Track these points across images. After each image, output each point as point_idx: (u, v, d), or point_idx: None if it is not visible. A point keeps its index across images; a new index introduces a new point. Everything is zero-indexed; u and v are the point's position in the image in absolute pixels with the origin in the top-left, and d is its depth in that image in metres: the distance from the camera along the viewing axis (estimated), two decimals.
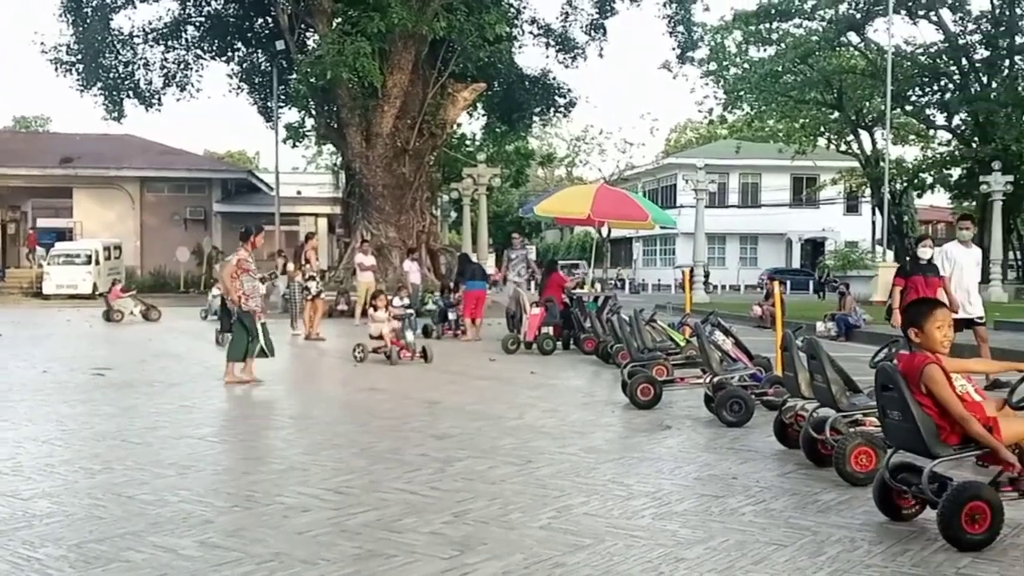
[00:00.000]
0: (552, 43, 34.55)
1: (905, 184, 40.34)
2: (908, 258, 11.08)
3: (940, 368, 4.70)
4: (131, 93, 34.27)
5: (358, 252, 21.81)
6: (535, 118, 36.98)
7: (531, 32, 34.60)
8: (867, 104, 38.55)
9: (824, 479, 5.96)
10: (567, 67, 35.08)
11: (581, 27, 34.40)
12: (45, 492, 5.58)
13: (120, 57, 33.78)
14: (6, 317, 22.30)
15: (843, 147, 42.77)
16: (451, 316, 17.91)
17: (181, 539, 4.65)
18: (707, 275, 47.71)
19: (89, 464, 6.41)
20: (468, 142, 37.58)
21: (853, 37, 37.32)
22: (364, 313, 20.45)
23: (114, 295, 22.14)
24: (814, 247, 52.96)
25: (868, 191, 44.69)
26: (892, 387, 4.83)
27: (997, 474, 4.79)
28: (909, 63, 36.26)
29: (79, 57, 32.50)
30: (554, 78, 34.96)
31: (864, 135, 40.72)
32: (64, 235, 38.15)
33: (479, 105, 33.87)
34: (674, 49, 36.38)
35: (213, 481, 5.93)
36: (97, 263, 33.31)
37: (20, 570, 4.15)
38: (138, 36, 33.90)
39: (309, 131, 34.39)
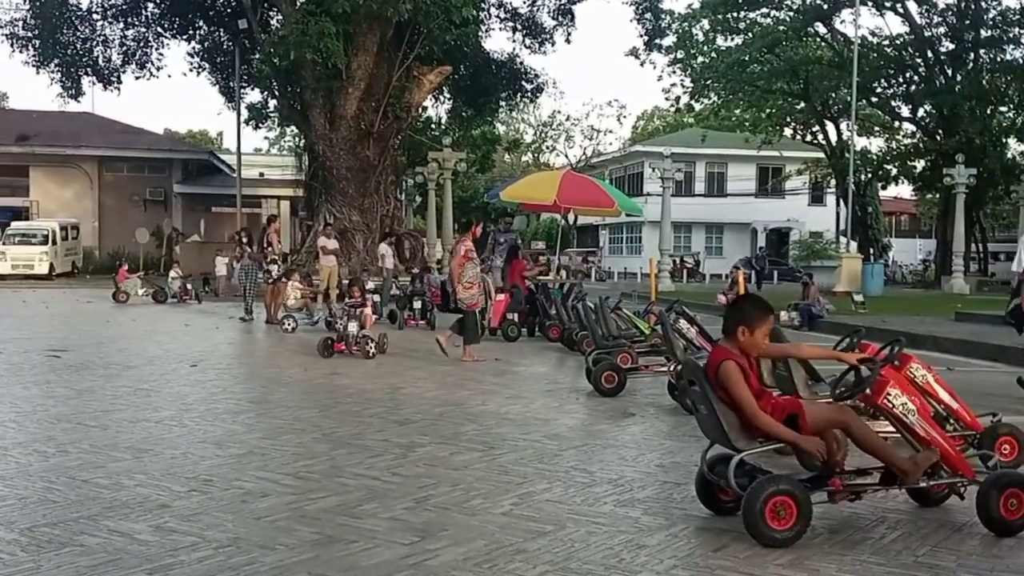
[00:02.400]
0: (519, 27, 34.46)
1: (870, 175, 40.74)
2: None
3: (736, 365, 4.64)
4: (89, 70, 33.72)
5: (321, 235, 21.61)
6: (502, 103, 36.91)
7: (498, 16, 34.51)
8: (833, 95, 38.83)
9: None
10: (534, 52, 35.05)
11: (548, 12, 34.39)
12: None
13: (78, 33, 33.20)
14: None
15: (809, 137, 43.10)
16: (416, 305, 16.77)
17: (136, 523, 4.59)
18: (697, 264, 48.11)
19: (43, 447, 6.30)
20: (434, 126, 37.42)
21: (820, 27, 37.56)
22: (327, 297, 20.31)
23: (121, 276, 22.19)
24: (779, 237, 53.39)
25: (833, 182, 45.08)
26: (695, 383, 4.81)
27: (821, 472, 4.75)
28: (875, 54, 36.56)
29: (36, 33, 31.86)
30: (521, 63, 34.92)
31: (830, 126, 41.06)
32: (20, 214, 37.46)
33: (445, 89, 33.72)
34: (641, 36, 36.56)
35: (170, 465, 5.84)
36: (54, 243, 32.80)
37: None
38: (97, 12, 33.37)
39: (272, 112, 34.07)
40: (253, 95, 34.90)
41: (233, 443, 6.59)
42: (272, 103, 33.06)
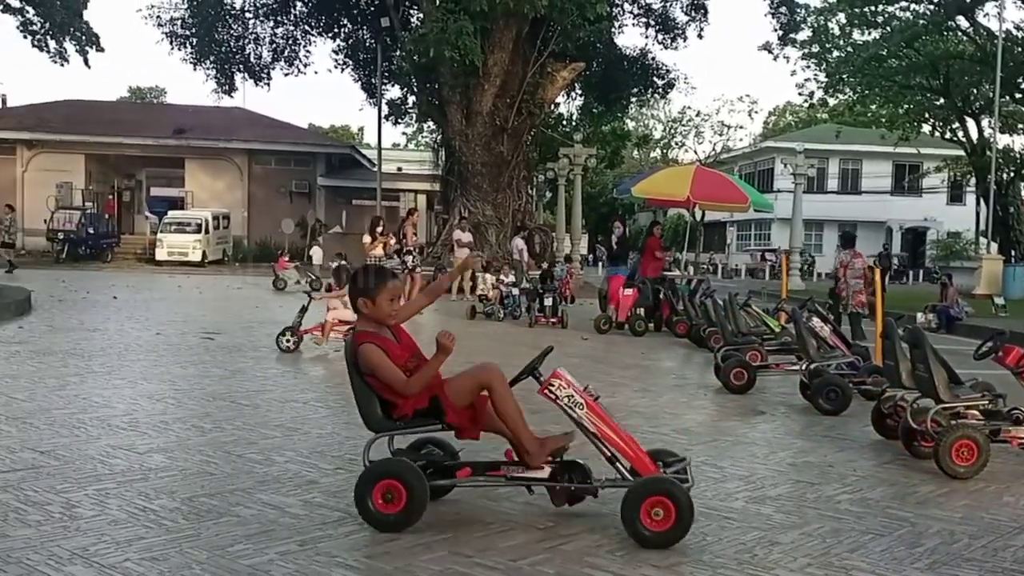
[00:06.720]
0: (652, 23, 34.21)
1: (1012, 174, 38.75)
2: None
3: (374, 345, 4.45)
4: (241, 67, 35.16)
5: (456, 229, 22.03)
6: (632, 99, 36.72)
7: (631, 12, 34.36)
8: (975, 91, 37.09)
9: (923, 470, 5.89)
10: (666, 48, 34.70)
11: (681, 7, 34.02)
12: (160, 447, 5.87)
13: (231, 31, 34.71)
14: (121, 281, 23.12)
15: (948, 135, 41.32)
16: (547, 302, 15.70)
17: (287, 497, 4.85)
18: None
19: (200, 423, 6.69)
20: (565, 122, 37.52)
21: (962, 21, 35.88)
22: (460, 289, 20.74)
23: (280, 265, 23.34)
24: (915, 236, 51.37)
25: (973, 180, 43.04)
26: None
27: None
28: (1020, 49, 34.71)
29: (193, 31, 33.46)
30: (653, 59, 34.65)
31: (971, 123, 39.22)
32: (176, 204, 39.24)
33: (577, 85, 33.76)
34: (775, 30, 35.78)
35: (317, 443, 6.14)
36: (206, 232, 34.12)
37: (136, 520, 4.38)
38: (249, 11, 34.80)
39: (411, 108, 34.81)
40: (393, 91, 35.78)
41: None
42: (411, 99, 33.82)
